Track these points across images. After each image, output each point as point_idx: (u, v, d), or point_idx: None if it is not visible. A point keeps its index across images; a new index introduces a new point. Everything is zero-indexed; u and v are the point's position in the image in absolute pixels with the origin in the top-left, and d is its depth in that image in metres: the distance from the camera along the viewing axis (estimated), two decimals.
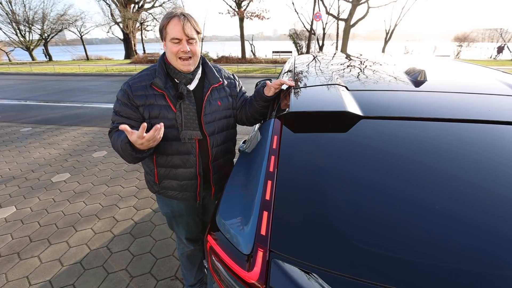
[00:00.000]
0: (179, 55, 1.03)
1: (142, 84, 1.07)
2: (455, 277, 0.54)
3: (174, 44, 1.02)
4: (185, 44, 1.02)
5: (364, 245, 0.60)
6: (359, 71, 1.44)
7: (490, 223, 0.63)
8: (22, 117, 5.65)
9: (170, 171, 1.17)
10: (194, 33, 1.03)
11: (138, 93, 1.06)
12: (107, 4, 22.42)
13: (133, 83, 1.07)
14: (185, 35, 1.01)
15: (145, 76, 1.09)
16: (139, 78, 1.09)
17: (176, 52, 1.02)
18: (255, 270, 0.59)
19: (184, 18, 1.01)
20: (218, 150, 1.22)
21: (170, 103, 1.07)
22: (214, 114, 1.17)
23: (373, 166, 0.77)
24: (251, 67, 14.66)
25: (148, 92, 1.06)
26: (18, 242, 2.07)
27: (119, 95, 1.08)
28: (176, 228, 1.39)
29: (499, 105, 0.97)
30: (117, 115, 1.09)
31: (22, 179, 3.04)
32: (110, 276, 1.77)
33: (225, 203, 0.81)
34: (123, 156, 1.03)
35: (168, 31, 1.02)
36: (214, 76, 1.18)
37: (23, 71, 14.73)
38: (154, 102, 1.07)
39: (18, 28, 22.94)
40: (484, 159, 0.78)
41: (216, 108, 1.17)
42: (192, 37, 1.03)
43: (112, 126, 1.10)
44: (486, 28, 26.42)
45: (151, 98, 1.06)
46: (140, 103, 1.06)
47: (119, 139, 1.01)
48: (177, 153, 1.13)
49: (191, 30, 1.02)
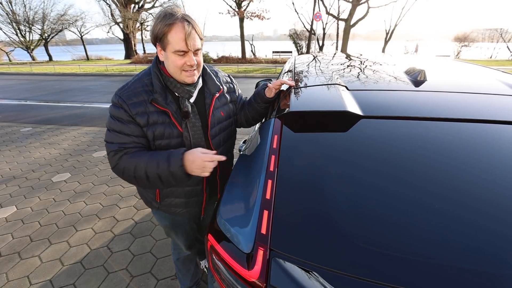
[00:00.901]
0: (185, 68, 0.91)
1: (140, 100, 0.91)
2: (456, 276, 0.55)
3: (179, 57, 0.89)
4: (192, 57, 0.90)
5: (364, 244, 0.60)
6: (359, 71, 1.44)
7: (491, 222, 0.63)
8: (22, 117, 5.65)
9: (176, 190, 1.09)
10: (199, 43, 0.91)
11: (139, 111, 0.91)
12: (107, 4, 22.44)
13: (127, 97, 0.91)
14: (192, 47, 0.88)
15: (141, 89, 0.92)
16: (133, 92, 0.92)
17: (181, 66, 0.90)
18: (256, 269, 0.59)
19: (189, 25, 0.86)
20: (225, 162, 1.16)
21: (175, 121, 0.96)
22: (219, 126, 1.09)
23: (373, 166, 0.77)
24: (251, 67, 14.66)
25: (148, 109, 0.92)
26: (18, 242, 2.08)
27: (116, 113, 0.92)
28: (175, 237, 1.34)
29: (499, 105, 0.97)
30: (121, 134, 0.92)
31: (22, 179, 3.04)
32: (111, 275, 1.77)
33: (226, 202, 0.81)
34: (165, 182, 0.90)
35: (170, 40, 0.86)
36: (214, 84, 1.08)
37: (23, 71, 14.73)
38: (158, 120, 0.94)
39: (18, 28, 22.96)
40: (484, 159, 0.78)
41: (220, 119, 1.09)
42: (198, 47, 0.91)
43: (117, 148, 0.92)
44: (486, 28, 26.42)
45: (153, 116, 0.93)
46: (142, 122, 0.92)
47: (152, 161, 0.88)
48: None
49: (197, 39, 0.90)
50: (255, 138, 1.07)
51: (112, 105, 0.94)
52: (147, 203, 1.20)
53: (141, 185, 0.95)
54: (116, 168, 0.94)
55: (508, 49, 19.44)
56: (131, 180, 0.94)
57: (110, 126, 0.94)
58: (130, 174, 0.92)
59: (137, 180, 0.93)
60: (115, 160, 0.93)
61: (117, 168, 0.94)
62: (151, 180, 0.91)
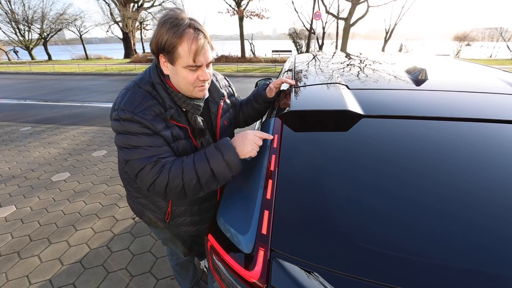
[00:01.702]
0: (197, 84, 0.82)
1: (157, 114, 0.82)
2: (457, 276, 0.54)
3: (191, 72, 0.79)
4: (205, 71, 0.81)
5: (365, 244, 0.59)
6: (360, 70, 1.44)
7: (492, 222, 0.63)
8: (21, 117, 5.64)
9: (192, 208, 1.04)
10: (212, 55, 0.82)
11: (161, 127, 0.82)
12: (106, 3, 22.41)
13: (143, 113, 0.79)
14: (205, 60, 0.79)
15: (152, 102, 0.82)
16: (146, 105, 0.81)
17: (193, 81, 0.81)
18: (256, 269, 0.59)
19: (202, 35, 0.76)
20: None
21: (193, 139, 0.90)
22: (224, 136, 1.03)
23: (374, 165, 0.77)
24: (251, 67, 14.64)
25: (169, 124, 0.84)
26: (18, 241, 2.07)
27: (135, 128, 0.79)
28: (174, 247, 1.30)
29: (500, 103, 0.97)
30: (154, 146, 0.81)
31: (22, 178, 3.03)
32: (110, 275, 1.76)
33: (226, 202, 0.81)
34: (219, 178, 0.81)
35: (182, 54, 0.75)
36: (218, 92, 1.00)
37: (23, 71, 14.70)
38: (180, 135, 0.87)
39: (17, 28, 22.90)
40: (486, 158, 0.77)
41: (224, 128, 1.04)
42: (211, 60, 0.82)
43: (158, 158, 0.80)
44: (486, 27, 26.41)
45: (175, 131, 0.86)
46: (169, 138, 0.84)
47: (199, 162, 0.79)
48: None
49: (210, 51, 0.80)
50: None
51: (124, 121, 0.79)
52: (150, 224, 1.10)
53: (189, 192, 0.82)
54: (157, 183, 0.79)
55: (508, 48, 19.44)
56: (176, 190, 0.80)
57: (133, 143, 0.79)
58: (178, 183, 0.78)
59: (185, 188, 0.80)
60: (154, 173, 0.78)
61: (158, 183, 0.79)
62: (204, 181, 0.80)
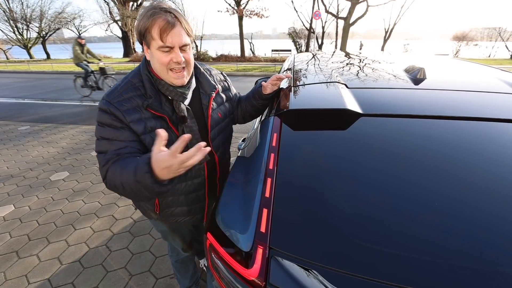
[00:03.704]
0: (171, 66, 0.83)
1: (134, 106, 0.84)
2: (456, 274, 0.55)
3: (164, 53, 0.81)
4: (178, 53, 0.82)
5: (364, 242, 0.60)
6: (359, 69, 1.44)
7: (490, 221, 0.63)
8: (20, 116, 5.62)
9: (179, 198, 1.05)
10: (187, 38, 0.82)
11: (134, 118, 0.84)
12: (105, 2, 22.28)
13: (119, 103, 0.82)
14: (177, 42, 0.80)
15: (133, 94, 0.85)
16: (125, 97, 0.84)
17: (167, 63, 0.82)
18: (255, 267, 0.59)
19: (174, 17, 0.79)
20: (225, 164, 1.15)
21: (173, 127, 0.90)
22: (217, 128, 1.05)
23: (373, 164, 0.77)
24: (251, 66, 14.63)
25: (144, 115, 0.85)
26: (16, 241, 2.07)
27: (106, 120, 0.83)
28: (173, 241, 1.31)
29: (498, 103, 0.97)
30: (113, 140, 0.83)
31: (20, 177, 3.03)
32: (109, 274, 1.76)
33: (225, 201, 0.81)
34: (136, 192, 0.75)
35: (153, 35, 0.78)
36: (209, 84, 1.01)
37: (21, 69, 14.64)
38: (155, 126, 0.86)
39: (15, 26, 22.79)
40: (484, 157, 0.78)
41: (218, 120, 1.05)
42: (185, 43, 0.82)
43: (109, 157, 0.81)
44: (485, 27, 26.48)
45: (150, 122, 0.86)
46: (140, 130, 0.84)
47: (125, 169, 0.74)
48: (186, 179, 1.01)
49: (184, 34, 0.81)
50: (255, 136, 1.06)
51: (100, 111, 0.84)
52: (144, 214, 1.14)
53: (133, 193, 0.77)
54: (107, 180, 0.80)
55: (506, 48, 19.48)
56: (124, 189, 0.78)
57: (100, 135, 0.84)
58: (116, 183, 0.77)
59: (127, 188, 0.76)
60: (105, 170, 0.80)
61: (108, 180, 0.80)
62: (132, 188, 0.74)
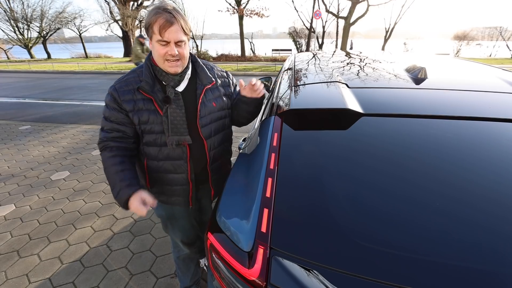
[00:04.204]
0: (167, 57, 0.97)
1: (129, 88, 1.02)
2: (457, 274, 0.54)
3: (162, 46, 0.95)
4: (173, 47, 0.95)
5: (365, 242, 0.60)
6: (360, 68, 1.44)
7: (491, 220, 0.63)
8: (21, 115, 5.63)
9: (162, 176, 1.14)
10: (182, 36, 0.96)
11: (126, 98, 1.01)
12: (106, 2, 22.29)
13: (119, 87, 1.02)
14: (173, 38, 0.94)
15: (132, 80, 1.03)
16: (125, 82, 1.03)
17: (163, 54, 0.96)
18: (256, 267, 0.59)
19: (173, 17, 0.93)
20: (216, 152, 1.20)
21: (158, 108, 1.03)
22: (209, 116, 1.12)
23: (374, 164, 0.77)
24: (251, 65, 14.62)
25: (136, 97, 1.02)
26: (17, 240, 2.07)
27: (107, 100, 1.04)
28: (171, 231, 1.35)
29: (500, 102, 0.97)
30: (107, 121, 1.05)
31: (21, 177, 3.03)
32: (110, 274, 1.77)
33: (226, 201, 0.81)
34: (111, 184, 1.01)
35: (155, 30, 0.93)
36: (206, 76, 1.12)
37: (22, 69, 14.66)
38: (143, 107, 1.02)
39: (16, 26, 22.81)
40: (486, 157, 0.78)
41: (212, 109, 1.13)
42: (180, 39, 0.96)
43: (103, 136, 1.05)
44: (486, 27, 26.40)
45: (139, 103, 1.02)
46: (129, 108, 1.02)
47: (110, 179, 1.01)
48: (167, 158, 1.10)
49: (180, 32, 0.95)
50: (255, 136, 1.06)
51: (107, 94, 1.05)
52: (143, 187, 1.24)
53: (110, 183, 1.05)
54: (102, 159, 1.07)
55: (507, 48, 19.43)
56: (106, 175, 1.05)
57: (103, 113, 1.07)
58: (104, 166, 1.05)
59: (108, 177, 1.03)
60: (101, 147, 1.07)
61: (102, 159, 1.07)
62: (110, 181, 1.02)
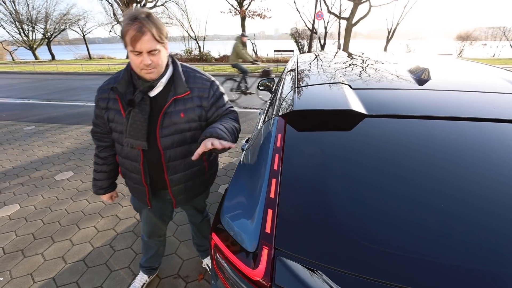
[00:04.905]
0: (141, 67, 0.97)
1: (108, 87, 1.08)
2: (460, 275, 0.54)
3: (135, 56, 0.95)
4: (146, 57, 0.94)
5: (369, 243, 0.60)
6: (362, 69, 1.43)
7: (497, 222, 0.62)
8: (25, 116, 5.68)
9: (126, 172, 1.22)
10: (155, 44, 0.94)
11: (103, 96, 1.09)
12: (109, 4, 22.41)
13: (102, 85, 1.11)
14: (145, 48, 0.93)
15: (112, 80, 1.09)
16: (108, 81, 1.10)
17: (138, 64, 0.97)
18: (261, 268, 0.59)
19: (143, 27, 0.90)
20: (177, 164, 1.15)
21: (122, 109, 1.05)
22: (173, 127, 1.08)
23: (377, 165, 0.77)
24: (253, 66, 14.62)
25: (110, 96, 1.08)
26: (22, 240, 2.09)
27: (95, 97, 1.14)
28: (140, 217, 1.47)
29: (504, 103, 0.97)
30: (94, 115, 1.18)
31: (25, 177, 3.06)
32: (113, 273, 1.78)
33: (229, 201, 0.81)
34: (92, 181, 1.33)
35: (127, 41, 0.92)
36: (180, 85, 1.07)
37: (26, 70, 14.80)
38: (112, 106, 1.08)
39: (21, 28, 23.06)
40: (490, 158, 0.77)
41: (177, 120, 1.08)
42: (153, 49, 0.94)
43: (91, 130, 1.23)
44: (489, 27, 26.23)
45: (111, 102, 1.08)
46: (102, 105, 1.09)
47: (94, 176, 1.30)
48: (127, 157, 1.15)
49: (152, 41, 0.93)
50: (258, 137, 1.07)
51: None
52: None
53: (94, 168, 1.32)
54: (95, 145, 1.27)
55: (511, 48, 19.27)
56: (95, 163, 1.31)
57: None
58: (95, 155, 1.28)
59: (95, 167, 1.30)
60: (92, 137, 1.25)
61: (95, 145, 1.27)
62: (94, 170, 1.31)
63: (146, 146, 1.07)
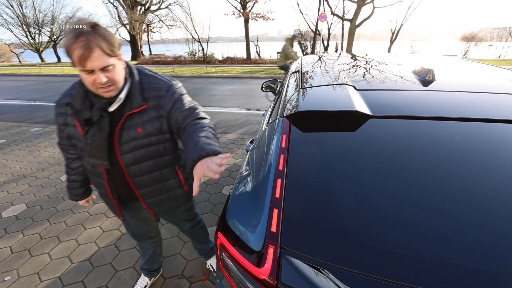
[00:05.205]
0: (97, 86, 0.86)
1: (65, 102, 1.00)
2: (464, 274, 0.54)
3: (87, 75, 0.84)
4: (100, 76, 0.84)
5: (375, 243, 0.60)
6: (367, 70, 1.44)
7: (501, 223, 0.62)
8: (32, 117, 5.76)
9: (94, 185, 1.20)
10: (107, 60, 0.83)
11: (60, 111, 1.02)
12: (114, 7, 22.74)
13: (59, 99, 1.03)
14: (97, 66, 0.82)
15: (69, 93, 1.01)
16: (64, 95, 1.02)
17: (92, 83, 0.86)
18: (266, 266, 0.60)
19: (90, 43, 0.78)
20: (144, 180, 1.09)
21: (79, 127, 0.98)
22: (132, 143, 1.01)
23: (382, 166, 0.77)
24: (256, 68, 14.67)
25: (67, 111, 1.00)
26: (29, 239, 2.12)
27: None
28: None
29: (509, 104, 0.96)
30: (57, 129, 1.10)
31: (32, 177, 3.10)
32: (118, 273, 1.79)
33: (235, 201, 0.82)
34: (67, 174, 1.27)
35: (75, 60, 0.81)
36: (135, 99, 0.97)
37: (33, 72, 15.02)
38: (70, 122, 1.01)
39: (28, 31, 23.45)
40: (495, 159, 0.77)
41: (136, 135, 1.00)
42: (106, 65, 0.83)
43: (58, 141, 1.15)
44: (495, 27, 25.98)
45: (68, 117, 1.01)
46: (61, 121, 1.03)
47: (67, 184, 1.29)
48: (91, 173, 1.11)
49: (103, 57, 0.81)
50: (263, 138, 1.08)
51: None
52: None
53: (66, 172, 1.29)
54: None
55: None
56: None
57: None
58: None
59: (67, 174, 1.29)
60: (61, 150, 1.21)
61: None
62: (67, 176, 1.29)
63: (108, 165, 1.01)
